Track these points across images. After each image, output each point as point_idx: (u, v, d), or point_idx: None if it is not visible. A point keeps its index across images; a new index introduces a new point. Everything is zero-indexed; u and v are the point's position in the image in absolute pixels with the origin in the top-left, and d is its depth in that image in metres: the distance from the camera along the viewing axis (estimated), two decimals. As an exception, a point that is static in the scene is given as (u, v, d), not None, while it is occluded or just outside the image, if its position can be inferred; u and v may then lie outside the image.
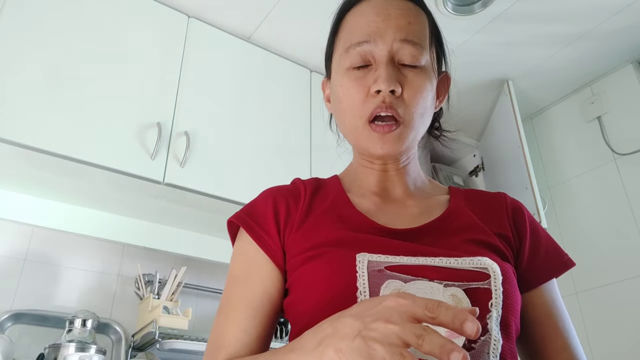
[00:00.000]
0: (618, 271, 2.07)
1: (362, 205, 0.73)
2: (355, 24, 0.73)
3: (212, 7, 1.89)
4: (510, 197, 0.79)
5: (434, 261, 0.62)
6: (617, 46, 2.16)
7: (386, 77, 0.68)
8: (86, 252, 1.75)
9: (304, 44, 2.05)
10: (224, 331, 0.66)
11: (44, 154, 1.42)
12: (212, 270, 1.97)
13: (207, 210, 1.78)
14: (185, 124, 1.70)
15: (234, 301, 0.68)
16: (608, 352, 2.01)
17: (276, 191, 0.75)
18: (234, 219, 0.74)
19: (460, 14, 1.94)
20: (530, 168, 2.13)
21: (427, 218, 0.71)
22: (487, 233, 0.70)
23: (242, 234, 0.73)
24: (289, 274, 0.68)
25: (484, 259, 0.63)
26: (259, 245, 0.70)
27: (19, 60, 1.46)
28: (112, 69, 1.62)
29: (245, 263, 0.70)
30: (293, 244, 0.68)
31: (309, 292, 0.63)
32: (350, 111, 0.72)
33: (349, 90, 0.72)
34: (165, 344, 1.55)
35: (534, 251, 0.73)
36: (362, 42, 0.71)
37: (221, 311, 0.69)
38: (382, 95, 0.68)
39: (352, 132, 0.73)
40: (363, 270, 0.60)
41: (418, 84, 0.70)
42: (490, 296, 0.60)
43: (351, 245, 0.64)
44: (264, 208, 0.72)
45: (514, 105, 2.27)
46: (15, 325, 1.53)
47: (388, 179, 0.76)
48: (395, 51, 0.70)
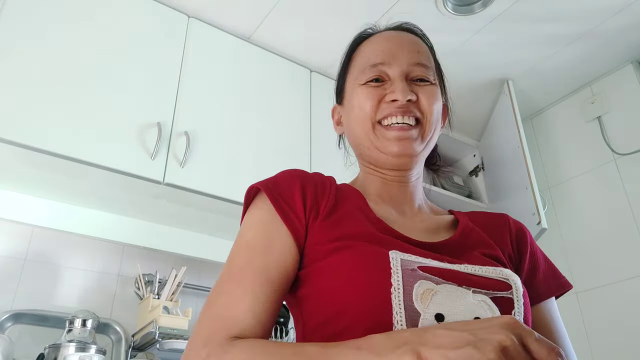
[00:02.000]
0: (618, 271, 2.07)
1: (379, 212, 0.73)
2: (370, 50, 0.80)
3: (212, 7, 1.89)
4: (513, 219, 0.83)
5: (460, 267, 0.63)
6: (617, 46, 2.16)
7: (403, 87, 0.73)
8: (86, 252, 1.75)
9: (304, 44, 2.05)
10: (237, 302, 0.60)
11: (44, 154, 1.42)
12: (212, 270, 1.97)
13: (207, 210, 1.78)
14: (185, 124, 1.70)
15: (249, 271, 0.63)
16: (608, 352, 2.01)
17: (304, 174, 0.74)
18: (259, 185, 0.71)
19: (460, 14, 1.94)
20: (530, 168, 2.13)
21: (439, 234, 0.73)
22: (497, 250, 0.73)
23: (262, 203, 0.70)
24: (307, 261, 0.66)
25: (505, 270, 0.64)
26: (283, 219, 0.67)
27: (19, 60, 1.46)
28: (112, 68, 1.62)
29: (264, 233, 0.67)
30: (318, 231, 0.66)
31: (339, 282, 0.60)
32: (362, 115, 0.75)
33: (363, 96, 0.76)
34: (165, 344, 1.55)
35: (532, 271, 0.77)
36: (377, 64, 0.76)
37: (231, 280, 0.63)
38: (399, 104, 0.73)
39: (364, 136, 0.76)
40: (397, 267, 0.60)
41: (431, 92, 0.76)
42: (513, 306, 0.61)
43: (382, 243, 0.64)
44: (290, 186, 0.71)
45: (514, 105, 2.27)
46: (15, 325, 1.53)
47: (399, 190, 0.78)
48: (408, 72, 0.76)
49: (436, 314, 0.56)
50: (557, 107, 2.50)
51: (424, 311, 0.57)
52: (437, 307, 0.57)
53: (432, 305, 0.57)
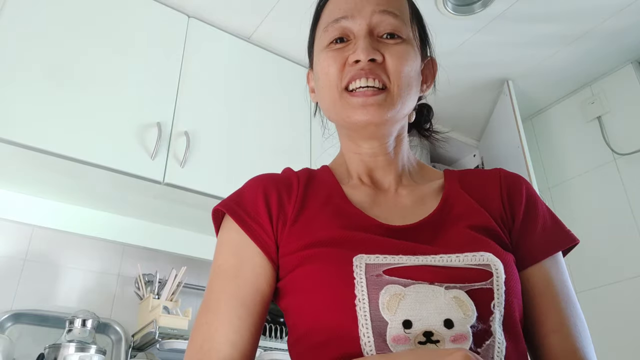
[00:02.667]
0: (618, 271, 2.07)
1: (356, 198, 0.70)
2: (334, 4, 0.72)
3: (212, 7, 1.89)
4: (507, 172, 0.74)
5: (435, 259, 0.59)
6: (617, 46, 2.16)
7: (364, 46, 0.66)
8: (86, 252, 1.75)
9: (304, 44, 2.04)
10: (214, 331, 0.62)
11: (44, 154, 1.42)
12: (212, 270, 1.97)
13: (207, 210, 1.76)
14: (185, 124, 1.70)
15: (223, 298, 0.63)
16: (608, 352, 2.01)
17: (266, 180, 0.71)
18: (221, 207, 0.69)
19: (460, 14, 1.94)
20: (530, 168, 2.13)
21: (422, 209, 0.69)
22: (485, 217, 0.66)
23: (230, 224, 0.68)
24: (283, 273, 0.65)
25: (486, 254, 0.60)
26: (250, 237, 0.66)
27: (19, 60, 1.46)
28: (112, 68, 1.62)
29: (234, 255, 0.66)
30: (287, 240, 0.65)
31: (306, 298, 0.61)
32: (328, 83, 0.69)
33: (326, 62, 0.69)
34: (165, 344, 1.55)
35: (527, 227, 0.69)
36: (339, 19, 0.69)
37: (208, 308, 0.64)
38: (361, 64, 0.66)
39: (332, 106, 0.70)
40: (361, 277, 0.58)
41: (400, 51, 0.68)
42: (492, 297, 0.58)
43: (348, 245, 0.62)
44: (253, 197, 0.69)
45: (514, 105, 2.27)
46: (15, 325, 1.53)
47: (377, 166, 0.73)
48: (375, 24, 0.68)
49: (404, 321, 0.55)
50: (557, 107, 2.50)
51: (391, 319, 0.55)
52: (404, 313, 0.55)
53: (400, 312, 0.55)
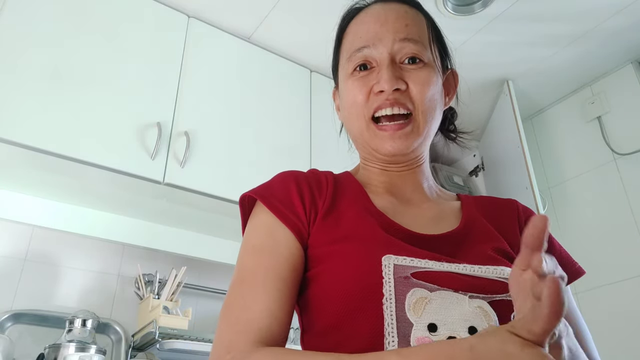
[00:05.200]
0: (618, 271, 2.07)
1: (380, 203, 0.71)
2: (356, 32, 0.75)
3: (212, 7, 1.89)
4: (522, 205, 0.78)
5: (459, 268, 0.60)
6: (617, 46, 2.16)
7: (388, 76, 0.68)
8: (86, 252, 1.75)
9: (304, 44, 2.05)
10: (252, 302, 0.60)
11: (44, 154, 1.42)
12: (212, 270, 1.97)
13: (207, 210, 1.78)
14: (185, 124, 1.70)
15: (260, 271, 0.62)
16: (608, 352, 2.01)
17: (297, 174, 0.72)
18: (253, 194, 0.70)
19: (460, 14, 1.94)
20: (530, 168, 2.13)
21: (443, 224, 0.70)
22: (503, 243, 0.69)
23: (262, 210, 0.68)
24: (312, 264, 0.65)
25: (507, 269, 0.62)
26: (283, 222, 0.66)
27: (19, 60, 1.46)
28: (112, 68, 1.62)
29: (269, 235, 0.66)
30: (317, 233, 0.66)
31: (332, 292, 0.61)
32: (355, 112, 0.72)
33: (352, 92, 0.72)
34: (165, 344, 1.55)
35: None
36: (361, 48, 0.72)
37: (243, 283, 0.62)
38: (386, 94, 0.68)
39: (360, 134, 0.73)
40: (389, 276, 0.58)
41: (422, 77, 0.70)
42: (512, 309, 0.58)
43: (377, 244, 0.62)
44: (286, 188, 0.69)
45: (514, 105, 2.27)
46: (15, 325, 1.53)
47: (401, 178, 0.75)
48: (396, 52, 0.71)
49: (429, 324, 0.56)
50: (557, 107, 2.50)
51: (417, 321, 0.56)
52: (430, 316, 0.56)
53: (426, 315, 0.56)
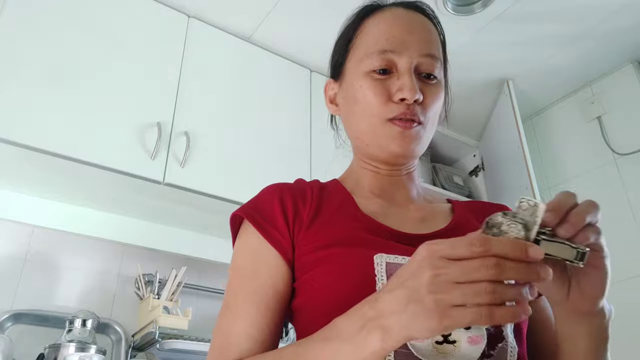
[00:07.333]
0: (618, 271, 2.06)
1: (368, 208, 0.72)
2: (378, 31, 0.75)
3: (212, 7, 1.89)
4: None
5: None
6: (617, 46, 2.16)
7: (412, 86, 0.70)
8: (86, 252, 1.75)
9: (304, 44, 2.05)
10: (232, 327, 0.63)
11: (44, 154, 1.42)
12: (212, 270, 1.97)
13: (207, 210, 1.78)
14: (185, 124, 1.70)
15: (241, 296, 0.65)
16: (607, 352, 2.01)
17: (281, 188, 0.74)
18: (240, 213, 0.72)
19: (460, 14, 1.94)
20: (530, 168, 2.13)
21: (432, 225, 0.71)
22: None
23: (248, 228, 0.71)
24: (299, 274, 0.66)
25: None
26: (268, 240, 0.68)
27: (19, 60, 1.46)
28: (112, 68, 1.62)
29: (252, 257, 0.68)
30: (303, 241, 0.67)
31: (324, 295, 0.61)
32: (369, 112, 0.72)
33: (370, 91, 0.72)
34: (165, 344, 1.55)
35: None
36: (386, 51, 0.72)
37: (227, 308, 0.66)
38: (407, 104, 0.70)
39: (370, 132, 0.73)
40: (382, 275, 0.59)
41: (436, 94, 0.74)
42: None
43: (367, 245, 0.63)
44: (270, 204, 0.71)
45: (514, 105, 2.27)
46: (15, 325, 1.53)
47: (391, 183, 0.77)
48: (418, 64, 0.72)
49: None
50: (557, 107, 2.50)
51: None
52: None
53: None
